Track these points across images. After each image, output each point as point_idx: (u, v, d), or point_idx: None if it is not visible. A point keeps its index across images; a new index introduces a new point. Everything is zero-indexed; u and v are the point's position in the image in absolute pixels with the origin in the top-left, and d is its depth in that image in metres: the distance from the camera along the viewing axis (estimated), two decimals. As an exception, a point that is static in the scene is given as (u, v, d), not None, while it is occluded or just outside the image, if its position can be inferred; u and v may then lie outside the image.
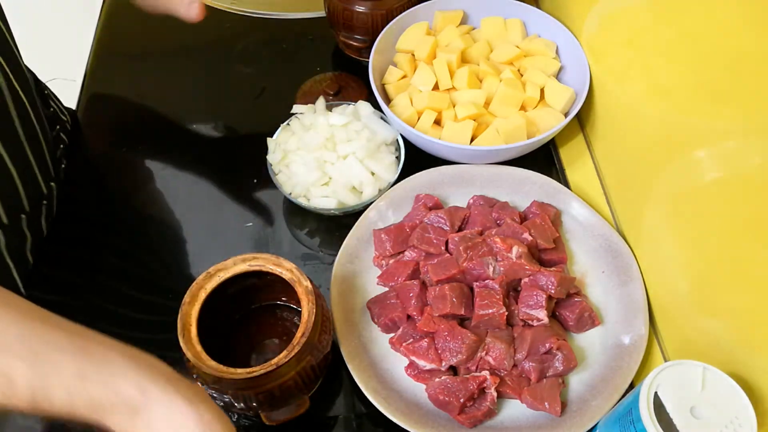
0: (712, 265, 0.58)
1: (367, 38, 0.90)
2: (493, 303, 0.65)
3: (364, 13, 0.89)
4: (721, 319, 0.57)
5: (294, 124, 0.82)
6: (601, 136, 0.82)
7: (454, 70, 0.84)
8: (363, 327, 0.69)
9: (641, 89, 0.70)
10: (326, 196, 0.76)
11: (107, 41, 1.02)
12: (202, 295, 0.59)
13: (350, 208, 0.76)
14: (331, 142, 0.79)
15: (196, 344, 0.57)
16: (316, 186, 0.77)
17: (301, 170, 0.77)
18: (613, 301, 0.70)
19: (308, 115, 0.81)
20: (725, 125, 0.55)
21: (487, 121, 0.80)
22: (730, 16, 0.53)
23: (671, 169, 0.64)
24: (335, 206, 0.75)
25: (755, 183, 0.51)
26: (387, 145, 0.80)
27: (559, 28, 0.86)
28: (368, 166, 0.77)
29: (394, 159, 0.79)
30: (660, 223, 0.67)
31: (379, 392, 0.63)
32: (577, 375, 0.66)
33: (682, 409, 0.50)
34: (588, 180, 0.82)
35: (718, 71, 0.55)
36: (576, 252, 0.75)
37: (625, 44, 0.73)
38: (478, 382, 0.62)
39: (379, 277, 0.72)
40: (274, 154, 0.79)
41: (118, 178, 0.87)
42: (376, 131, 0.80)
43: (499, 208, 0.74)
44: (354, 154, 0.77)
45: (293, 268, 0.60)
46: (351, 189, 0.77)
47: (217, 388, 0.57)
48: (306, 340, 0.56)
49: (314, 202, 0.76)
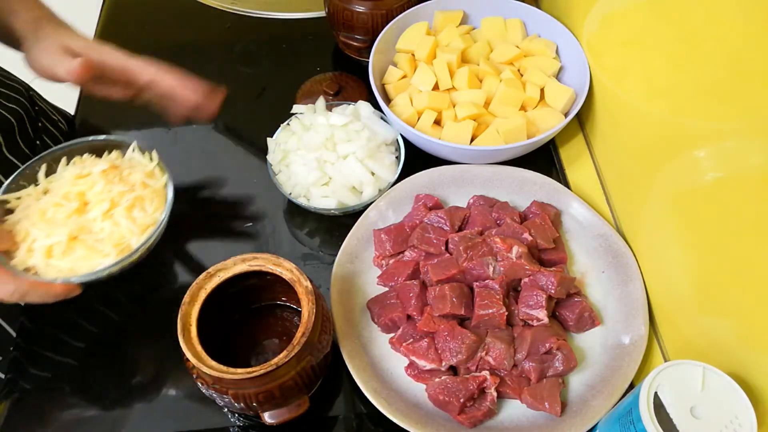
0: (712, 265, 0.58)
1: (367, 38, 0.90)
2: (493, 303, 0.65)
3: (364, 13, 0.89)
4: (721, 319, 0.57)
5: (294, 124, 0.82)
6: (601, 136, 0.82)
7: (454, 70, 0.84)
8: (363, 327, 0.69)
9: (641, 89, 0.70)
10: (326, 196, 0.76)
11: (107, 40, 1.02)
12: (202, 295, 0.59)
13: (350, 208, 0.76)
14: (331, 142, 0.78)
15: (196, 344, 0.57)
16: (316, 186, 0.77)
17: (301, 170, 0.77)
18: (613, 301, 0.70)
19: (308, 115, 0.81)
20: (725, 125, 0.55)
21: (487, 121, 0.80)
22: (730, 16, 0.53)
23: (671, 169, 0.64)
24: (335, 206, 0.75)
25: (755, 183, 0.51)
26: (387, 145, 0.80)
27: (559, 28, 0.86)
28: (368, 166, 0.77)
29: (394, 159, 0.79)
30: (660, 223, 0.67)
31: (379, 392, 0.63)
32: (577, 375, 0.66)
33: (682, 409, 0.50)
34: (588, 180, 0.82)
35: (718, 71, 0.55)
36: (576, 252, 0.75)
37: (625, 44, 0.73)
38: (478, 382, 0.62)
39: (379, 277, 0.72)
40: (274, 154, 0.79)
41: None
42: (376, 131, 0.80)
43: (499, 208, 0.74)
44: (354, 154, 0.77)
45: (293, 268, 0.60)
46: (351, 189, 0.77)
47: (217, 388, 0.57)
48: (306, 340, 0.56)
49: (314, 202, 0.76)
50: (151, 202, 0.65)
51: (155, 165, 0.67)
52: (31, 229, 0.63)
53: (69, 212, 0.63)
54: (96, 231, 0.63)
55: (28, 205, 0.65)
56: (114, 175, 0.65)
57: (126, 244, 0.63)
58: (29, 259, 0.62)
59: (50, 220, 0.62)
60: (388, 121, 0.82)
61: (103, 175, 0.64)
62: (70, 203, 0.63)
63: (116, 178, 0.65)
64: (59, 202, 0.63)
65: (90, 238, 0.62)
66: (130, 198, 0.64)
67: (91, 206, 0.63)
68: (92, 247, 0.62)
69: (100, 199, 0.63)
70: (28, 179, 0.68)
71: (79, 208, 0.63)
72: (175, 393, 0.67)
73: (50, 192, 0.66)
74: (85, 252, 0.62)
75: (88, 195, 0.64)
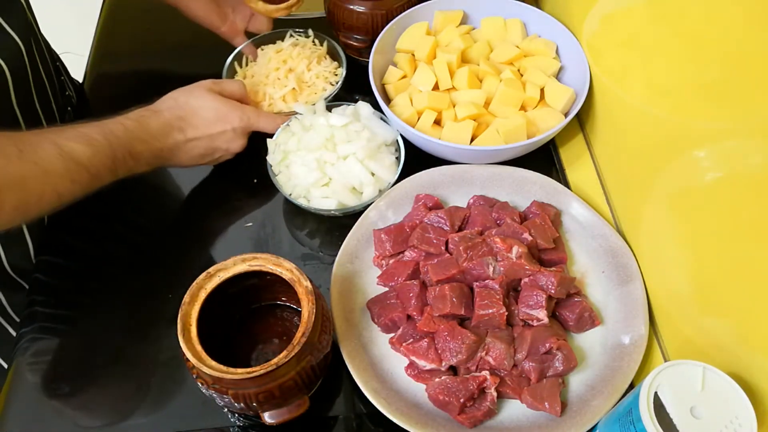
0: (712, 265, 0.58)
1: (367, 38, 0.90)
2: (493, 303, 0.65)
3: (364, 13, 0.89)
4: (721, 319, 0.57)
5: (294, 125, 0.82)
6: (601, 136, 0.82)
7: (454, 70, 0.84)
8: (363, 327, 0.69)
9: (641, 89, 0.70)
10: (326, 197, 0.76)
11: (107, 40, 1.02)
12: (202, 295, 0.59)
13: (350, 209, 0.76)
14: (331, 142, 0.78)
15: (196, 344, 0.57)
16: (317, 187, 0.77)
17: (301, 171, 0.77)
18: (613, 301, 0.70)
19: (308, 116, 0.82)
20: (725, 125, 0.55)
21: (487, 121, 0.80)
22: (730, 16, 0.53)
23: (671, 169, 0.64)
24: (335, 207, 0.75)
25: (755, 183, 0.51)
26: (387, 146, 0.80)
27: (559, 28, 0.86)
28: (368, 167, 0.77)
29: (395, 159, 0.79)
30: (660, 223, 0.67)
31: (379, 392, 0.63)
32: (577, 375, 0.66)
33: (682, 409, 0.50)
34: (588, 180, 0.82)
35: (718, 71, 0.55)
36: (576, 252, 0.75)
37: (625, 44, 0.73)
38: (478, 382, 0.62)
39: (379, 277, 0.72)
40: (274, 155, 0.79)
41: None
42: (376, 132, 0.80)
43: (499, 208, 0.74)
44: (354, 154, 0.77)
45: (293, 268, 0.60)
46: (351, 190, 0.77)
47: (217, 388, 0.57)
48: (306, 340, 0.56)
49: (314, 202, 0.76)
50: (325, 57, 0.93)
51: (312, 36, 0.94)
52: (266, 88, 0.88)
53: (285, 72, 0.88)
54: (307, 79, 0.89)
55: (244, 78, 0.91)
56: (295, 45, 0.92)
57: (328, 81, 0.90)
58: (272, 108, 0.87)
59: (274, 80, 0.88)
60: (388, 122, 0.82)
61: (293, 46, 0.91)
62: (284, 66, 0.89)
63: (300, 48, 0.91)
64: (276, 66, 0.89)
65: (305, 86, 0.89)
66: (316, 55, 0.91)
67: (296, 66, 0.89)
68: (311, 89, 0.89)
69: (299, 59, 0.90)
70: (230, 74, 0.92)
71: (288, 70, 0.89)
72: (175, 393, 0.67)
73: (255, 74, 0.91)
74: (307, 93, 0.88)
75: (290, 61, 0.90)
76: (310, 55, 0.90)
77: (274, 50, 0.91)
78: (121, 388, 0.68)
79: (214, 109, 0.74)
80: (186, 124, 0.73)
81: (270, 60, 0.90)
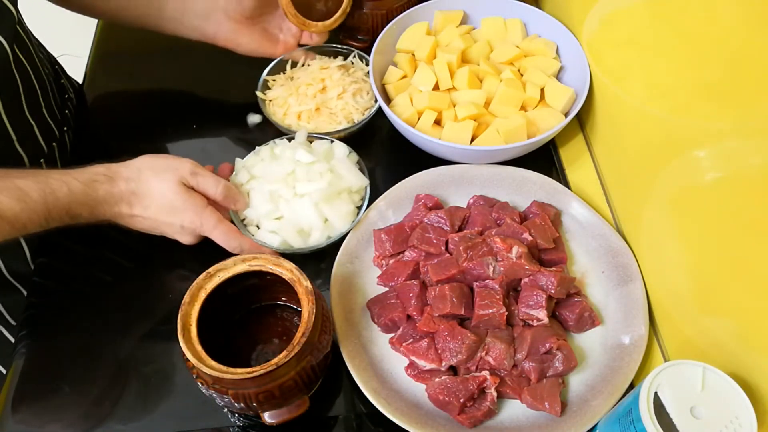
0: (712, 265, 0.58)
1: (367, 38, 0.90)
2: (493, 303, 0.65)
3: (364, 13, 0.89)
4: (721, 319, 0.57)
5: (263, 151, 0.79)
6: (601, 136, 0.82)
7: (454, 70, 0.84)
8: (363, 327, 0.69)
9: (641, 89, 0.70)
10: (273, 232, 0.73)
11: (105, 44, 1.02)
12: (202, 295, 0.59)
13: (291, 250, 0.73)
14: (292, 177, 0.75)
15: (196, 344, 0.57)
16: (268, 219, 0.74)
17: (257, 199, 0.75)
18: (613, 301, 0.70)
19: (281, 145, 0.79)
20: (725, 125, 0.55)
21: (487, 121, 0.80)
22: (730, 16, 0.53)
23: (671, 169, 0.64)
24: (278, 244, 0.73)
25: (755, 183, 0.51)
26: (351, 193, 0.77)
27: (559, 28, 0.86)
28: (322, 211, 0.74)
29: (353, 209, 0.76)
30: (660, 223, 0.67)
31: (379, 392, 0.63)
32: (577, 375, 0.66)
33: (682, 409, 0.50)
34: (588, 180, 0.82)
35: (718, 71, 0.55)
36: (576, 252, 0.75)
37: (625, 44, 0.73)
38: (478, 382, 0.62)
39: (379, 277, 0.72)
40: (238, 176, 0.77)
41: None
42: (342, 176, 0.76)
43: (499, 208, 0.74)
44: (310, 195, 0.74)
45: (293, 268, 0.60)
46: (299, 231, 0.74)
47: (217, 388, 0.57)
48: (306, 340, 0.56)
49: (259, 234, 0.74)
50: (367, 93, 0.88)
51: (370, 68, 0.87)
52: (288, 99, 0.86)
53: (315, 91, 0.86)
54: (331, 106, 0.85)
55: (282, 84, 0.88)
56: (345, 70, 0.89)
57: (351, 117, 0.85)
58: (285, 119, 0.85)
59: (302, 94, 0.86)
60: (362, 169, 0.78)
61: (339, 69, 0.88)
62: (317, 84, 0.86)
63: (346, 73, 0.88)
64: (309, 82, 0.86)
65: (327, 111, 0.85)
66: (355, 87, 0.87)
67: (329, 89, 0.86)
68: (330, 116, 0.85)
69: (336, 85, 0.86)
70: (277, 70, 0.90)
71: (321, 89, 0.86)
72: (175, 393, 0.67)
73: (296, 78, 0.88)
74: (324, 119, 0.85)
75: (327, 82, 0.87)
76: (348, 85, 0.86)
77: (320, 66, 0.88)
78: (121, 390, 0.68)
79: (170, 201, 0.69)
80: (137, 201, 0.69)
81: (312, 73, 0.87)
